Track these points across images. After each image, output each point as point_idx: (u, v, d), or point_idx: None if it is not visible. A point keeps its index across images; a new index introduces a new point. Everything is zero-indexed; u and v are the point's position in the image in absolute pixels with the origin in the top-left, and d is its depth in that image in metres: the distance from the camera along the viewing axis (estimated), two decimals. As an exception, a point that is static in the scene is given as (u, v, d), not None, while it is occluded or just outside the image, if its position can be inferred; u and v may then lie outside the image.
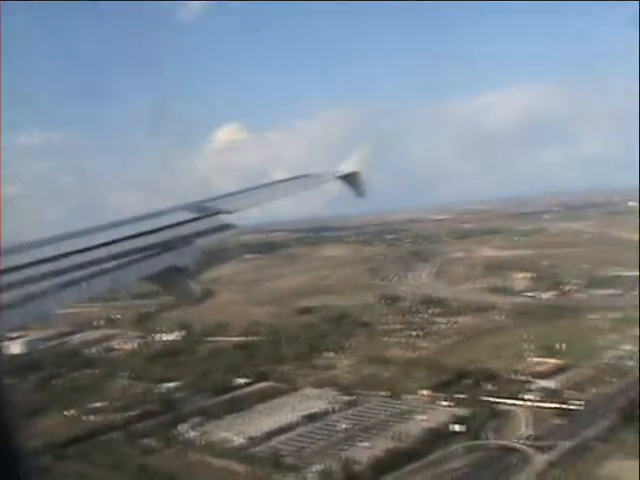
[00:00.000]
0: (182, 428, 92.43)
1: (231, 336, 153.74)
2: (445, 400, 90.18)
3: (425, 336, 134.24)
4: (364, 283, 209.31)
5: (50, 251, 9.27)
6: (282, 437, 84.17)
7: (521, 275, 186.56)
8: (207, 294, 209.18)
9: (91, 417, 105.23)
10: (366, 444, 77.86)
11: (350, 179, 16.52)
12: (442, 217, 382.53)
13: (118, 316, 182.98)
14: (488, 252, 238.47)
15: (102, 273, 9.77)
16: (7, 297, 7.80)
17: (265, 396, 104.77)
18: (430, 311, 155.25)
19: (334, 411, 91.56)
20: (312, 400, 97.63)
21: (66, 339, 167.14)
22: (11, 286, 8.02)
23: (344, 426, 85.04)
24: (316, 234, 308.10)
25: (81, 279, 9.35)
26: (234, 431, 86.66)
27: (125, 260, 10.26)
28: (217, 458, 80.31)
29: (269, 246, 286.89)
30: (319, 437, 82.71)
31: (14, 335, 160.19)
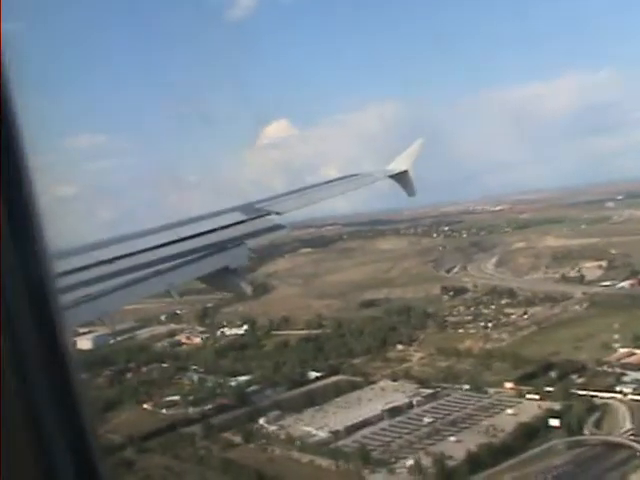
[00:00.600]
0: (261, 422, 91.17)
1: (296, 329, 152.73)
2: (532, 393, 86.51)
3: (498, 327, 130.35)
4: (426, 275, 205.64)
5: (107, 253, 9.58)
6: (365, 431, 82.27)
7: (592, 264, 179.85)
8: (266, 289, 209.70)
9: (168, 410, 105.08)
10: (455, 438, 75.07)
11: (401, 178, 16.50)
12: (498, 208, 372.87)
13: (181, 311, 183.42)
14: (552, 241, 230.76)
15: (157, 274, 9.93)
16: (68, 298, 7.89)
17: (340, 389, 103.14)
18: (500, 302, 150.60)
19: (416, 404, 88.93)
20: (391, 393, 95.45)
21: (133, 334, 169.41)
22: (71, 287, 8.17)
23: (429, 420, 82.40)
24: (369, 227, 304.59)
25: (136, 280, 9.56)
26: (316, 425, 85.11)
27: (179, 261, 10.43)
28: (302, 453, 78.86)
29: (324, 240, 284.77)
30: (405, 431, 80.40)
31: (83, 331, 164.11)
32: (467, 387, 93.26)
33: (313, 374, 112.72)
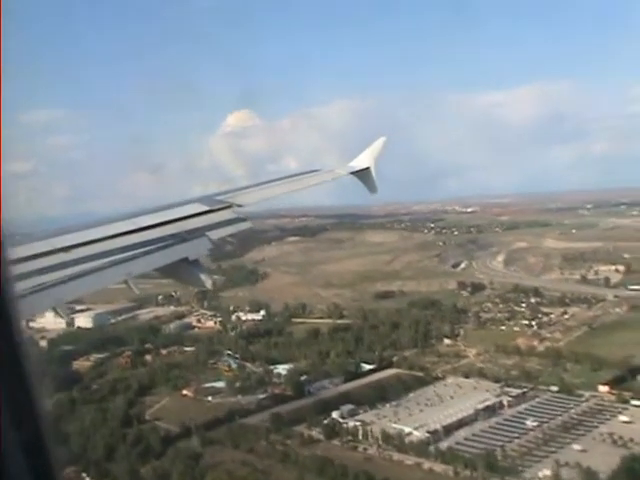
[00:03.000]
0: (334, 416, 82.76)
1: (315, 318, 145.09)
2: (636, 399, 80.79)
3: (544, 326, 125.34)
4: (433, 269, 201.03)
5: (64, 241, 9.29)
6: (464, 432, 74.91)
7: (608, 267, 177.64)
8: (260, 275, 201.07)
9: (214, 398, 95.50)
10: (580, 447, 68.38)
11: (363, 175, 16.63)
12: (470, 209, 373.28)
13: (175, 293, 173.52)
14: (553, 243, 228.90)
15: (115, 264, 9.67)
16: (22, 286, 7.59)
17: (405, 384, 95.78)
18: (529, 300, 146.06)
19: (507, 405, 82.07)
20: (471, 391, 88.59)
21: (133, 314, 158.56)
22: (26, 275, 7.90)
23: (533, 423, 75.57)
24: (343, 220, 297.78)
25: (94, 270, 9.26)
26: (405, 423, 77.17)
27: (138, 251, 10.16)
28: (403, 454, 70.92)
29: (308, 230, 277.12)
30: (512, 434, 73.27)
31: (80, 308, 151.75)
32: (555, 389, 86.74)
33: (366, 366, 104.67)
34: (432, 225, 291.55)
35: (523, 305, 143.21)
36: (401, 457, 70.37)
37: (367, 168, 16.56)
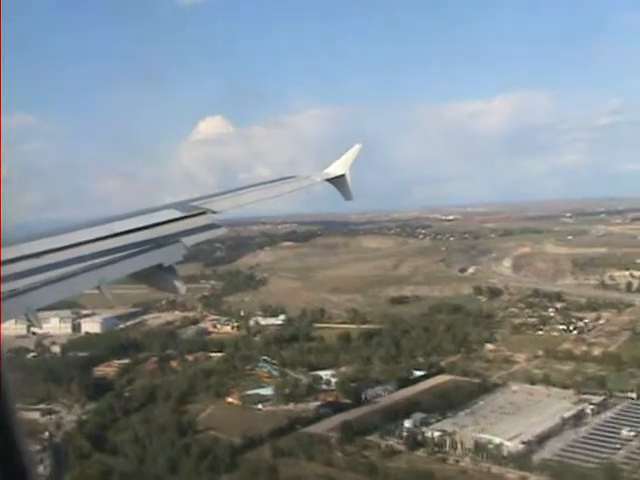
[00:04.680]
0: (406, 425, 77.18)
1: (337, 323, 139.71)
2: None
3: (582, 331, 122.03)
4: (441, 274, 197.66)
5: (36, 246, 9.13)
6: (558, 443, 69.90)
7: (621, 273, 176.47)
8: (258, 281, 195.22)
9: (265, 406, 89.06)
10: None
11: (338, 182, 16.54)
12: (451, 217, 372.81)
13: (177, 299, 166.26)
14: (555, 249, 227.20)
15: (87, 270, 9.44)
16: None
17: (462, 390, 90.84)
18: (555, 305, 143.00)
19: (591, 413, 77.58)
20: (547, 399, 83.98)
21: (139, 320, 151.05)
22: None
23: (630, 433, 71.10)
24: (328, 227, 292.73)
25: (66, 275, 9.09)
26: (493, 433, 72.22)
27: (112, 257, 9.99)
28: (504, 467, 65.63)
29: (299, 236, 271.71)
30: (611, 445, 68.66)
31: (86, 312, 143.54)
32: (634, 395, 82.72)
33: (416, 372, 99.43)
34: (423, 231, 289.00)
35: (551, 310, 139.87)
36: (501, 470, 65.14)
37: (342, 175, 16.45)
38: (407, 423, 77.70)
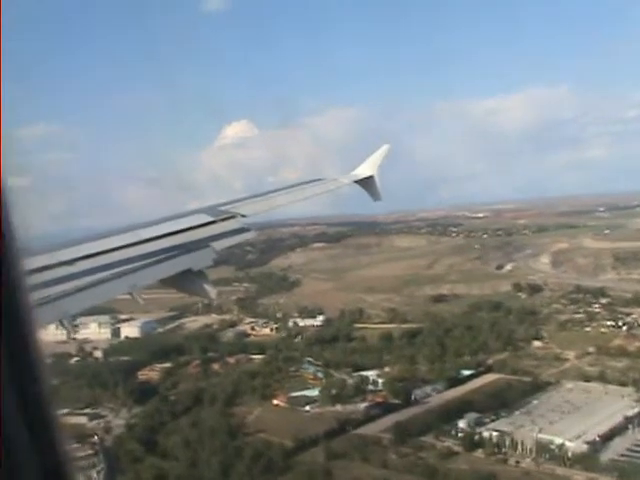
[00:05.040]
0: (460, 425, 75.15)
1: (377, 323, 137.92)
2: None
3: (632, 327, 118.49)
4: (478, 272, 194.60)
5: (69, 254, 9.29)
6: (619, 442, 67.27)
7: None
8: (292, 282, 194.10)
9: (312, 408, 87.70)
10: None
11: (366, 183, 16.59)
12: (481, 215, 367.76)
13: (211, 302, 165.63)
14: (594, 244, 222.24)
15: (119, 276, 9.60)
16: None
17: (514, 389, 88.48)
18: (601, 301, 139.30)
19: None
20: (602, 396, 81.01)
21: (177, 323, 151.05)
22: (30, 289, 4.96)
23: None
24: (356, 228, 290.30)
25: (98, 282, 9.25)
26: (552, 433, 69.85)
27: (142, 263, 10.09)
28: (567, 468, 63.26)
29: (329, 237, 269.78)
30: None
31: (124, 317, 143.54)
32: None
33: (464, 372, 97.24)
34: (455, 229, 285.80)
35: (595, 306, 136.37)
36: (566, 472, 62.69)
37: (371, 176, 16.42)
38: (461, 423, 75.69)
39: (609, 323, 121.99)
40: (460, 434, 73.51)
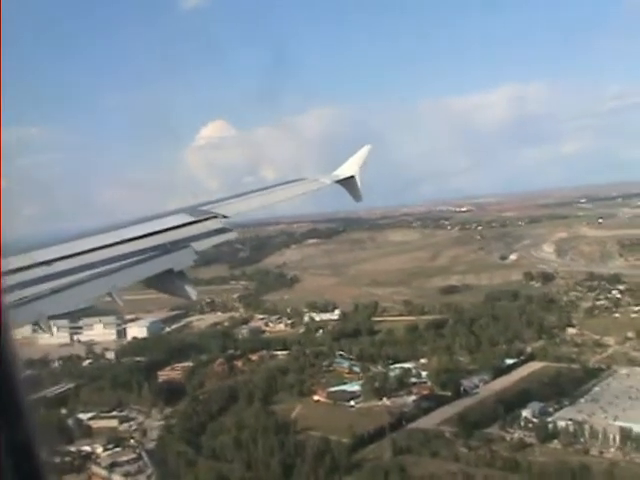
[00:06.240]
0: (525, 415, 71.23)
1: (395, 315, 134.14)
2: None
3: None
4: (483, 262, 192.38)
5: (46, 254, 9.14)
6: None
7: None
8: (290, 278, 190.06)
9: (357, 402, 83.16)
10: None
11: (347, 183, 16.70)
12: (464, 209, 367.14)
13: (211, 300, 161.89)
14: (594, 232, 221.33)
15: (99, 276, 9.39)
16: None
17: (564, 376, 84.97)
18: (619, 287, 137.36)
19: None
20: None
21: (183, 322, 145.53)
22: (7, 289, 7.40)
23: None
24: (344, 224, 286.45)
25: (77, 282, 9.02)
26: (628, 420, 66.10)
27: (122, 263, 9.89)
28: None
29: (320, 233, 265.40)
30: None
31: (129, 317, 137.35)
32: None
33: (508, 361, 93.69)
34: (447, 222, 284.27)
35: (614, 292, 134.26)
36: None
37: (352, 176, 16.57)
38: (525, 413, 71.65)
39: (636, 308, 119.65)
40: (527, 424, 69.43)
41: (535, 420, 70.01)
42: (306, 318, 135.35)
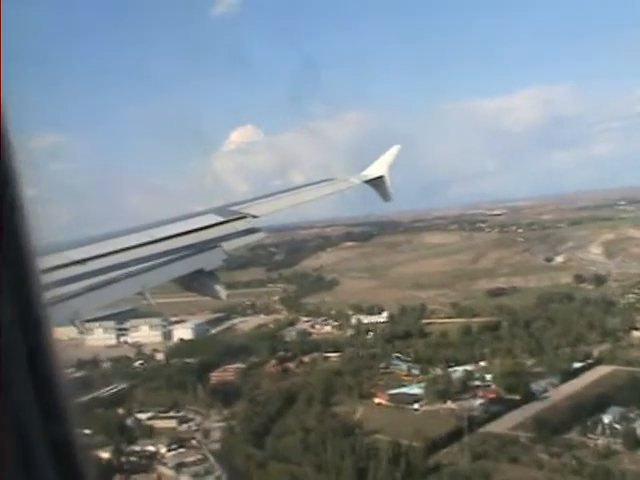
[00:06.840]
0: (605, 420, 67.75)
1: (444, 317, 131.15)
2: None
3: None
4: (528, 264, 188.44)
5: (79, 253, 9.15)
6: None
7: None
8: (329, 282, 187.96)
9: (422, 406, 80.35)
10: None
11: (377, 183, 16.62)
12: (497, 212, 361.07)
13: (253, 303, 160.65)
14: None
15: (130, 276, 9.45)
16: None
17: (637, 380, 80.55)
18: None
19: None
20: None
21: (228, 324, 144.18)
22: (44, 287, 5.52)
23: None
24: (379, 228, 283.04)
25: (109, 282, 9.15)
26: None
27: (153, 263, 9.93)
28: None
29: (356, 236, 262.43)
30: None
31: (175, 319, 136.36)
32: None
33: (576, 364, 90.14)
34: (484, 225, 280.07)
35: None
36: None
37: (381, 176, 16.40)
38: (606, 419, 68.09)
39: None
40: (609, 430, 65.93)
41: (617, 426, 66.39)
42: (353, 320, 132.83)
